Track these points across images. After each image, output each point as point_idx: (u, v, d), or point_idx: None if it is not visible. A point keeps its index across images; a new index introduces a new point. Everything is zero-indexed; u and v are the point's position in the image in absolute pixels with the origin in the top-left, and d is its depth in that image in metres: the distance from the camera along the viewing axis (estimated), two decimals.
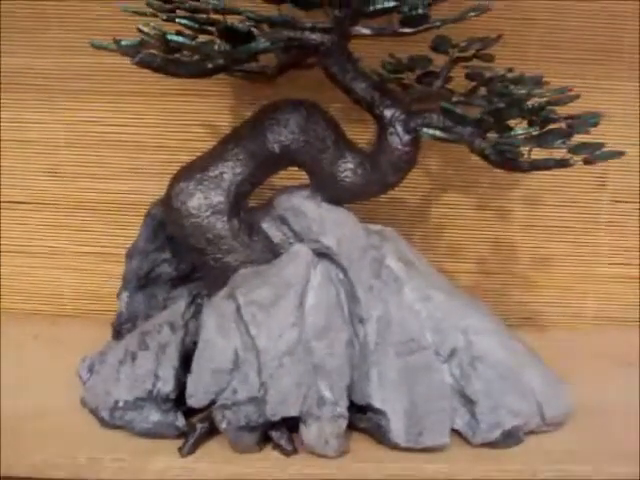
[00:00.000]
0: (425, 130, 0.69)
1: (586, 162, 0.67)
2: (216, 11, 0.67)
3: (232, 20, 0.68)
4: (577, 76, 0.91)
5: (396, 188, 0.81)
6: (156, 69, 0.69)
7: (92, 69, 0.91)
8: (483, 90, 0.77)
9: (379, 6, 0.66)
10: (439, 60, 0.80)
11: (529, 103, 0.68)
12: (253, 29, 0.68)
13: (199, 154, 0.79)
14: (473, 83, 0.78)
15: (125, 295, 0.81)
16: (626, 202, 0.96)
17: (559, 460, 0.71)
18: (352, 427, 0.73)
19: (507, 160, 0.68)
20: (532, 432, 0.75)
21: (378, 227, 0.78)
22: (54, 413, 0.76)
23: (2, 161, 0.95)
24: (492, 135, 0.68)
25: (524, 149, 0.68)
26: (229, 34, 0.66)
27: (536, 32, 0.91)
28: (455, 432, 0.74)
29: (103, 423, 0.74)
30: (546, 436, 0.75)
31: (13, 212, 0.97)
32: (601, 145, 0.67)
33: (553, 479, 0.70)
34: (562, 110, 0.72)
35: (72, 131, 0.94)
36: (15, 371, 0.83)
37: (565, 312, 0.99)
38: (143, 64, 0.69)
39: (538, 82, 0.74)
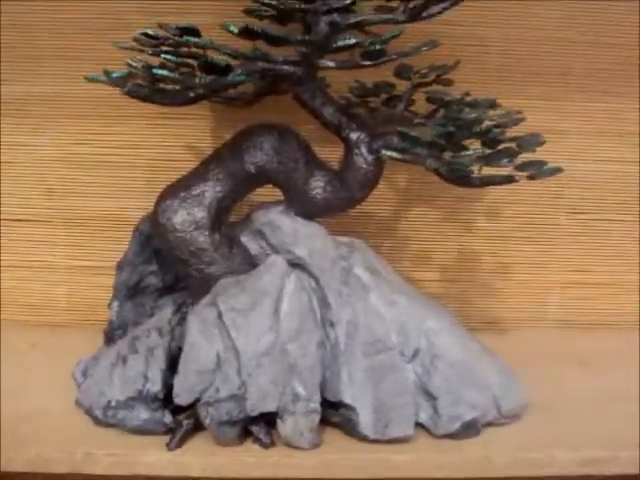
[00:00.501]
0: (384, 152, 0.77)
1: (530, 178, 0.75)
2: (197, 46, 0.74)
3: (211, 54, 0.75)
4: (531, 97, 0.98)
5: (366, 202, 0.87)
6: (143, 99, 0.77)
7: (84, 96, 0.97)
8: (443, 112, 0.85)
9: (341, 43, 0.73)
10: (403, 85, 0.87)
11: (480, 126, 0.76)
12: (231, 61, 0.76)
13: (182, 173, 0.85)
14: (434, 106, 0.85)
15: (116, 304, 0.87)
16: (581, 213, 1.04)
17: (514, 449, 0.78)
18: (325, 422, 0.79)
19: (459, 178, 0.76)
20: (490, 424, 0.81)
21: (347, 239, 0.85)
22: (51, 413, 0.82)
23: (1, 181, 1.01)
24: (447, 154, 0.76)
25: (474, 167, 0.76)
26: (209, 67, 0.73)
27: (493, 58, 0.98)
28: (419, 425, 0.80)
29: (97, 421, 0.80)
30: (503, 428, 0.81)
31: (11, 229, 1.02)
32: (544, 163, 0.75)
33: (508, 464, 0.77)
34: (524, 128, 0.79)
35: (66, 152, 1.00)
36: (14, 376, 0.89)
37: (525, 317, 1.06)
38: (131, 94, 0.76)
39: (492, 105, 0.82)
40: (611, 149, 1.02)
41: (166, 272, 0.88)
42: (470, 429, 0.79)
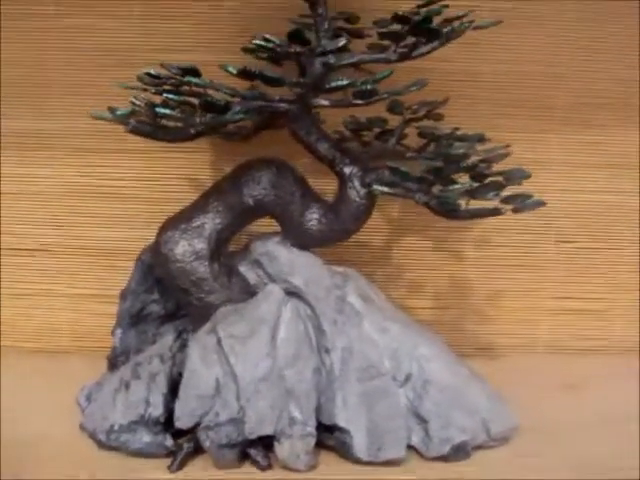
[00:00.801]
0: (375, 186, 0.81)
1: (514, 211, 0.79)
2: (197, 86, 0.79)
3: (211, 93, 0.80)
4: (519, 130, 1.03)
5: (360, 232, 0.92)
6: (146, 135, 0.81)
7: (88, 130, 1.01)
8: (433, 146, 0.89)
9: (334, 84, 0.78)
10: (395, 120, 0.91)
11: (468, 161, 0.81)
12: (229, 99, 0.80)
13: (182, 205, 0.90)
14: (425, 140, 0.90)
15: (119, 331, 0.91)
16: (569, 242, 1.08)
17: (503, 471, 0.82)
18: (320, 444, 0.83)
19: (448, 211, 0.80)
20: (480, 447, 0.85)
21: (341, 268, 0.89)
22: (56, 437, 0.86)
23: (4, 211, 1.05)
24: (436, 188, 0.80)
25: (462, 201, 0.80)
26: (209, 106, 0.77)
27: (482, 92, 1.02)
28: (411, 448, 0.84)
29: (100, 445, 0.84)
30: (492, 450, 0.85)
31: (15, 258, 1.06)
32: (528, 196, 0.80)
33: None
34: (512, 160, 0.84)
35: (69, 184, 1.04)
36: (17, 401, 0.93)
37: (516, 342, 1.10)
38: (135, 131, 0.81)
39: (480, 139, 0.87)
40: (595, 180, 1.06)
41: (167, 300, 0.92)
42: (460, 452, 0.83)
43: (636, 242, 1.08)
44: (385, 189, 0.80)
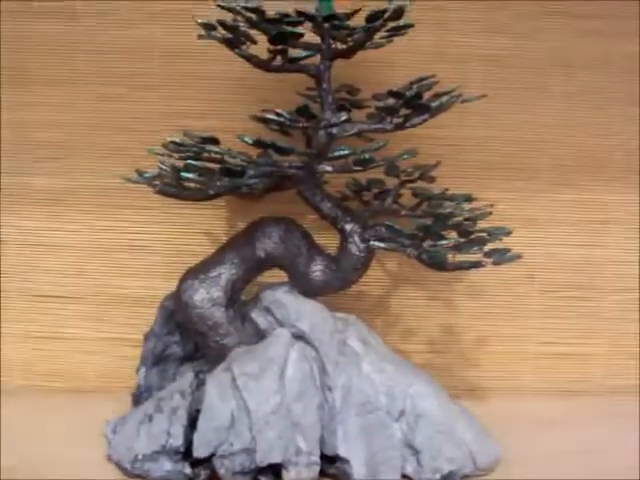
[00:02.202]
0: (373, 242, 0.94)
1: (494, 263, 0.91)
2: (216, 153, 0.92)
3: (228, 159, 0.92)
4: (505, 190, 1.15)
5: (361, 283, 1.04)
6: (171, 195, 0.94)
7: (114, 188, 1.14)
8: (425, 205, 1.01)
9: (336, 153, 0.91)
10: (392, 181, 1.03)
11: (454, 219, 0.93)
12: (245, 165, 0.92)
13: (199, 258, 1.01)
14: (418, 199, 1.02)
15: (143, 370, 1.03)
16: (552, 292, 1.19)
17: None
18: (323, 474, 0.93)
19: (436, 263, 0.93)
20: (467, 476, 0.94)
21: (343, 315, 1.01)
22: (85, 466, 0.96)
23: (37, 262, 1.17)
24: (426, 243, 0.92)
25: (449, 255, 0.92)
26: (226, 171, 0.90)
27: (470, 155, 1.15)
28: (405, 476, 0.94)
29: (126, 473, 0.94)
30: (478, 479, 0.95)
31: (45, 304, 1.18)
32: (507, 250, 0.92)
33: None
34: (498, 217, 0.96)
35: (96, 238, 1.17)
36: (47, 435, 1.04)
37: (503, 385, 1.20)
38: (161, 192, 0.93)
39: (468, 198, 0.99)
40: (576, 235, 1.18)
41: (187, 343, 1.03)
42: None
43: (614, 292, 1.19)
44: (382, 244, 0.93)
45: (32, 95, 1.14)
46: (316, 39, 0.95)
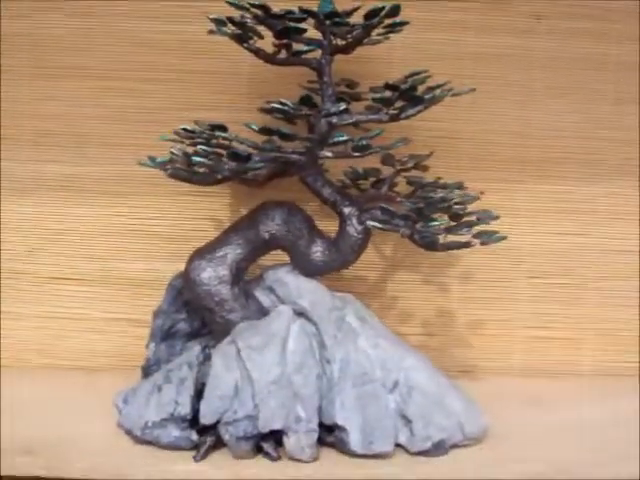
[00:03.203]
0: (369, 222, 1.02)
1: (482, 244, 1.00)
2: (224, 139, 1.00)
3: (236, 145, 1.00)
4: (494, 180, 1.23)
5: (359, 267, 1.15)
6: (182, 179, 1.03)
7: (122, 176, 1.22)
8: (419, 192, 1.09)
9: (336, 139, 1.00)
10: (388, 170, 1.11)
11: (445, 204, 1.02)
12: (251, 151, 1.01)
13: (205, 241, 1.08)
14: (412, 188, 1.11)
15: (152, 345, 1.10)
16: (539, 277, 1.27)
17: (476, 465, 1.00)
18: (322, 441, 1.01)
19: (428, 243, 1.01)
20: (456, 445, 1.02)
21: (341, 294, 1.09)
22: (97, 434, 1.04)
23: (48, 245, 1.25)
24: (419, 225, 1.01)
25: (440, 235, 1.01)
26: (234, 156, 0.99)
27: (464, 147, 1.24)
28: (398, 445, 1.02)
29: (136, 440, 1.02)
30: (467, 448, 1.03)
31: (57, 286, 1.26)
32: (494, 232, 1.00)
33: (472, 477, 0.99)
34: (487, 206, 1.04)
35: (105, 223, 1.24)
36: (59, 408, 1.11)
37: (494, 365, 1.28)
38: (173, 176, 1.02)
39: (459, 186, 1.07)
40: (560, 224, 1.27)
41: (194, 320, 1.11)
42: (439, 448, 1.01)
43: (598, 279, 1.28)
44: (377, 224, 1.01)
45: (46, 88, 1.22)
46: (318, 35, 1.03)
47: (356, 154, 1.01)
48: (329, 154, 1.02)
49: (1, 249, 1.26)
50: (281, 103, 0.99)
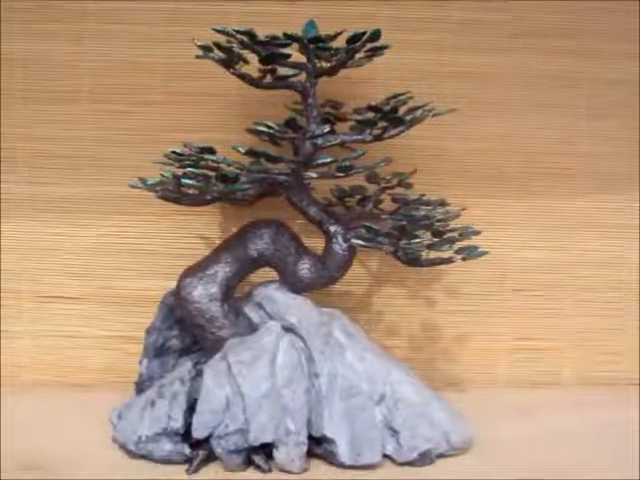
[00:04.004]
0: (354, 241, 1.07)
1: (464, 259, 1.04)
2: (213, 162, 1.04)
3: (224, 167, 1.04)
4: (478, 196, 1.27)
5: (345, 282, 1.19)
6: (172, 201, 1.07)
7: (114, 196, 1.26)
8: (403, 209, 1.13)
9: (320, 161, 1.04)
10: (373, 188, 1.16)
11: (427, 221, 1.06)
12: (238, 172, 1.05)
13: (195, 260, 1.12)
14: (397, 205, 1.15)
15: (145, 361, 1.14)
16: (523, 290, 1.32)
17: (461, 473, 1.04)
18: (311, 453, 1.05)
19: (411, 260, 1.06)
20: (442, 455, 1.06)
21: (328, 309, 1.12)
22: (91, 449, 1.08)
23: (44, 264, 1.28)
24: (402, 242, 1.05)
25: (422, 252, 1.05)
26: (222, 178, 1.02)
27: (447, 164, 1.28)
28: (386, 456, 1.05)
29: (130, 454, 1.06)
30: (452, 457, 1.07)
31: (53, 305, 1.29)
32: (475, 247, 1.05)
33: None
34: (470, 221, 1.09)
35: (99, 242, 1.28)
36: (54, 423, 1.15)
37: (480, 378, 1.32)
38: (163, 198, 1.06)
39: (442, 203, 1.12)
40: (543, 238, 1.31)
41: (185, 336, 1.15)
42: (425, 458, 1.05)
43: (577, 291, 1.32)
44: (361, 242, 1.06)
45: (43, 112, 1.26)
46: (302, 58, 1.07)
47: (340, 174, 1.06)
48: (314, 175, 1.07)
49: None
50: (267, 126, 1.04)
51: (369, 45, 1.05)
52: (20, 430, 1.13)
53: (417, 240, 1.03)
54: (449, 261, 1.06)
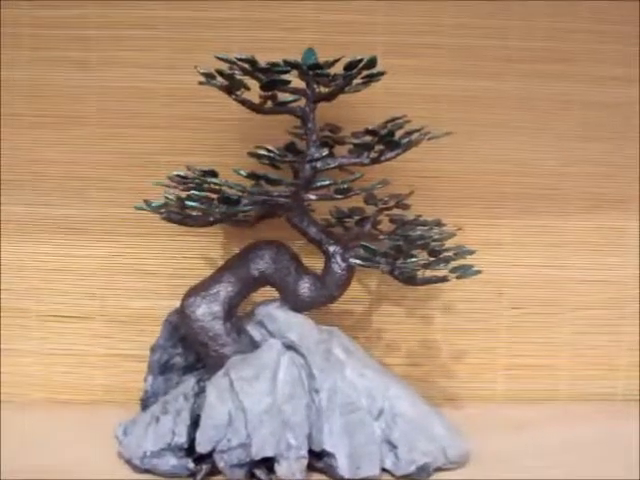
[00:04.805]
0: (352, 260, 1.11)
1: (458, 277, 1.08)
2: (215, 184, 1.09)
3: (226, 190, 1.08)
4: (474, 216, 1.31)
5: (345, 301, 1.22)
6: (176, 222, 1.11)
7: (119, 217, 1.30)
8: (400, 230, 1.17)
9: (319, 184, 1.09)
10: (371, 209, 1.19)
11: (422, 241, 1.10)
12: (240, 194, 1.09)
13: (198, 279, 1.16)
14: (394, 225, 1.19)
15: (150, 378, 1.18)
16: (519, 308, 1.35)
17: None
18: (311, 467, 1.08)
19: (407, 278, 1.10)
20: (440, 469, 1.10)
21: (328, 327, 1.16)
22: (99, 464, 1.11)
23: (51, 284, 1.32)
24: (399, 261, 1.09)
25: (418, 271, 1.09)
26: (224, 200, 1.07)
27: (444, 186, 1.32)
28: (384, 470, 1.09)
29: (135, 469, 1.09)
30: (449, 471, 1.10)
31: (57, 324, 1.33)
32: (470, 266, 1.09)
33: None
34: (466, 241, 1.13)
35: (104, 262, 1.32)
36: (61, 439, 1.19)
37: (477, 393, 1.36)
38: (167, 219, 1.11)
39: (438, 223, 1.16)
40: (538, 256, 1.35)
41: (189, 354, 1.19)
42: (423, 471, 1.08)
43: (574, 308, 1.36)
44: (359, 262, 1.10)
45: (50, 136, 1.30)
46: (302, 84, 1.11)
47: (338, 196, 1.10)
48: (313, 197, 1.11)
49: (2, 288, 1.33)
50: (267, 150, 1.08)
51: (366, 72, 1.09)
52: (27, 446, 1.17)
53: (413, 259, 1.08)
54: (444, 280, 1.10)
